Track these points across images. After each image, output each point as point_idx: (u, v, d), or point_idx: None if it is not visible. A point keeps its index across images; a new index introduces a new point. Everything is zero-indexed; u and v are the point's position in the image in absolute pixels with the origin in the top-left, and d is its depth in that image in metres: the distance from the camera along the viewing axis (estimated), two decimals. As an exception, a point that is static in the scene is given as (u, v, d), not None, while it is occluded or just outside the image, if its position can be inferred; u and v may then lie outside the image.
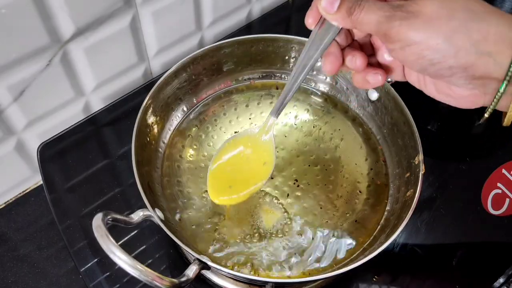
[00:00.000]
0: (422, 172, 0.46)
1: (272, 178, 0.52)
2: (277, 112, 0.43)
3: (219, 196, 0.46)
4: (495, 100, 0.32)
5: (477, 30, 0.30)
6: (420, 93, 0.36)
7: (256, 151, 0.47)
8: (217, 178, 0.47)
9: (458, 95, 0.33)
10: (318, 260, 0.47)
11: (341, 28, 0.35)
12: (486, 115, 0.34)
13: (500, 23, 0.30)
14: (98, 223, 0.35)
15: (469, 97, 0.33)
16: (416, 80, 0.36)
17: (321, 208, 0.50)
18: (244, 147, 0.47)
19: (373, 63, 0.37)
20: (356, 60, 0.36)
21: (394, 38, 0.32)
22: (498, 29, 0.30)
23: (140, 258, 0.51)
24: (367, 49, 0.38)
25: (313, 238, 0.48)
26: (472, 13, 0.30)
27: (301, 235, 0.48)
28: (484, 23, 0.30)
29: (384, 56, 0.37)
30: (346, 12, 0.32)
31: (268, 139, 0.46)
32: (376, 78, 0.36)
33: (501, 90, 0.31)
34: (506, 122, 0.33)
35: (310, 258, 0.47)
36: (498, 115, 0.34)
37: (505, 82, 0.31)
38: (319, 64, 0.58)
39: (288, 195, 0.51)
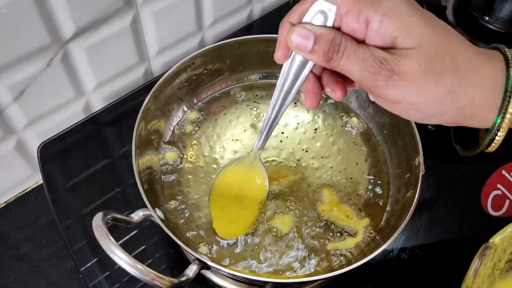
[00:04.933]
0: (422, 173, 0.46)
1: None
2: (261, 144, 0.43)
3: (226, 233, 0.47)
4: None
5: (464, 96, 0.30)
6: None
7: (248, 180, 0.47)
8: (219, 218, 0.47)
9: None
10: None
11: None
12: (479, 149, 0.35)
13: (487, 85, 0.30)
14: (98, 223, 0.35)
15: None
16: (386, 108, 0.33)
17: (321, 208, 0.51)
18: (236, 178, 0.47)
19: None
20: (336, 93, 0.34)
21: (379, 95, 0.31)
22: (484, 93, 0.30)
23: (140, 258, 0.50)
24: None
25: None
26: (460, 75, 0.30)
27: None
28: (470, 87, 0.30)
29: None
30: (323, 55, 0.30)
31: (257, 166, 0.46)
32: (335, 95, 0.35)
33: (487, 139, 0.33)
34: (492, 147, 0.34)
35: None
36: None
37: (492, 133, 0.32)
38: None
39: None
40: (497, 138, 0.32)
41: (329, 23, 0.31)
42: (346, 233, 0.48)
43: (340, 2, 0.30)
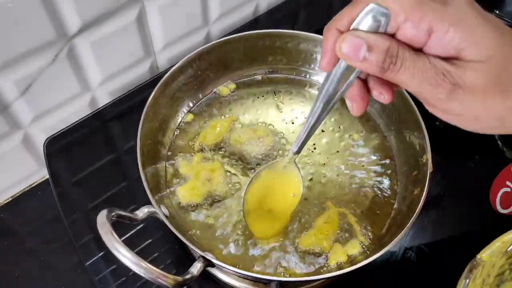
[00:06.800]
0: (430, 171, 0.45)
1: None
2: (298, 149, 0.40)
3: (261, 233, 0.47)
4: None
5: None
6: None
7: (283, 184, 0.47)
8: (254, 218, 0.47)
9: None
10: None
11: None
12: None
13: None
14: (102, 220, 0.35)
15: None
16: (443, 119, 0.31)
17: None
18: (269, 185, 0.47)
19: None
20: (385, 96, 0.32)
21: (438, 107, 0.28)
22: None
23: (145, 252, 0.51)
24: None
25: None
26: None
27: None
28: None
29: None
30: (377, 66, 0.27)
31: (292, 170, 0.45)
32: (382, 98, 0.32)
33: None
34: None
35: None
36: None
37: None
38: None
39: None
40: None
41: (383, 30, 0.27)
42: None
43: (398, 8, 0.26)
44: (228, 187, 0.50)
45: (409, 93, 0.50)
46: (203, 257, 0.39)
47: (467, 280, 0.40)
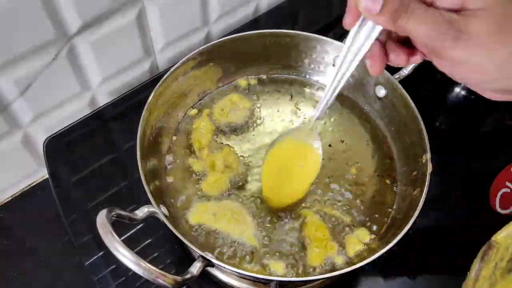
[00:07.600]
0: (430, 171, 0.45)
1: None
2: (320, 113, 0.43)
3: (275, 204, 0.49)
4: None
5: None
6: (428, 90, 0.36)
7: (302, 155, 0.49)
8: (270, 190, 0.49)
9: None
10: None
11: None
12: None
13: None
14: (102, 220, 0.35)
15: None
16: (448, 72, 0.33)
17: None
18: (290, 152, 0.49)
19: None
20: (400, 58, 0.34)
21: (444, 56, 0.30)
22: None
23: (145, 252, 0.51)
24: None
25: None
26: None
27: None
28: None
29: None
30: (390, 16, 0.30)
31: (312, 138, 0.48)
32: (400, 59, 0.35)
33: None
34: None
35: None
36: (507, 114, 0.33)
37: None
38: (326, 58, 0.58)
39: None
40: None
41: None
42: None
43: None
44: (245, 167, 0.52)
45: (409, 93, 0.51)
46: (203, 256, 0.39)
47: (482, 263, 0.40)
